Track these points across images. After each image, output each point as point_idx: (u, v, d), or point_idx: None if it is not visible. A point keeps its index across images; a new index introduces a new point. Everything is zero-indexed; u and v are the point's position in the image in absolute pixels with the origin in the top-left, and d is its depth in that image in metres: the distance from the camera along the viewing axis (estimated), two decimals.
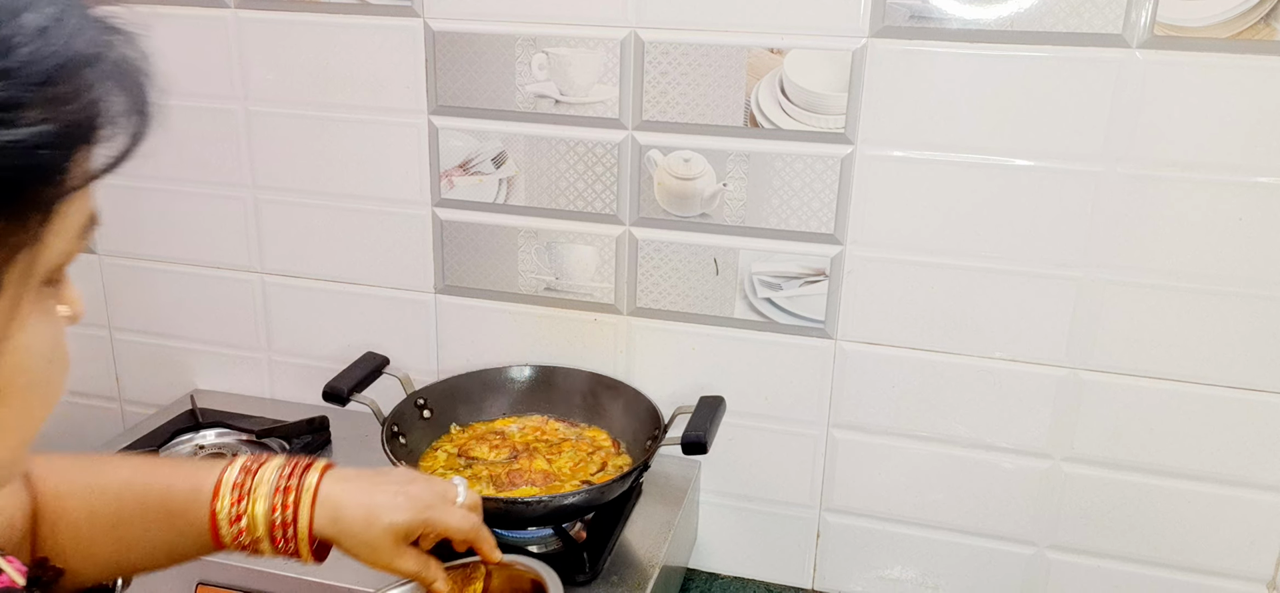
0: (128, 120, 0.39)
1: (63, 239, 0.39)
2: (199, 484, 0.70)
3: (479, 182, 1.23)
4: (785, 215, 1.13)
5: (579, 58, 1.14)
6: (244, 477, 0.70)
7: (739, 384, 1.21)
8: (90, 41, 0.37)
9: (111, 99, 0.38)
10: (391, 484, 0.73)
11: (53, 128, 0.35)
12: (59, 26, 0.36)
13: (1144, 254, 1.04)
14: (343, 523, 0.70)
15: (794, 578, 1.28)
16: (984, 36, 1.01)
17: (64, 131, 0.36)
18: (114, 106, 0.39)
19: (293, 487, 0.69)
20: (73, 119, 0.36)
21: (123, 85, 0.39)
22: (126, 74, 0.39)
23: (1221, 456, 1.08)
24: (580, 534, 1.08)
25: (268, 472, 0.70)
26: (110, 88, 0.38)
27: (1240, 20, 0.94)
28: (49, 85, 0.35)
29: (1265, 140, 0.97)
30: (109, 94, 0.38)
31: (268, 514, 0.69)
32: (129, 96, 0.39)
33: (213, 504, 0.69)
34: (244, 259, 1.36)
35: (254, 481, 0.70)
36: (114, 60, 0.39)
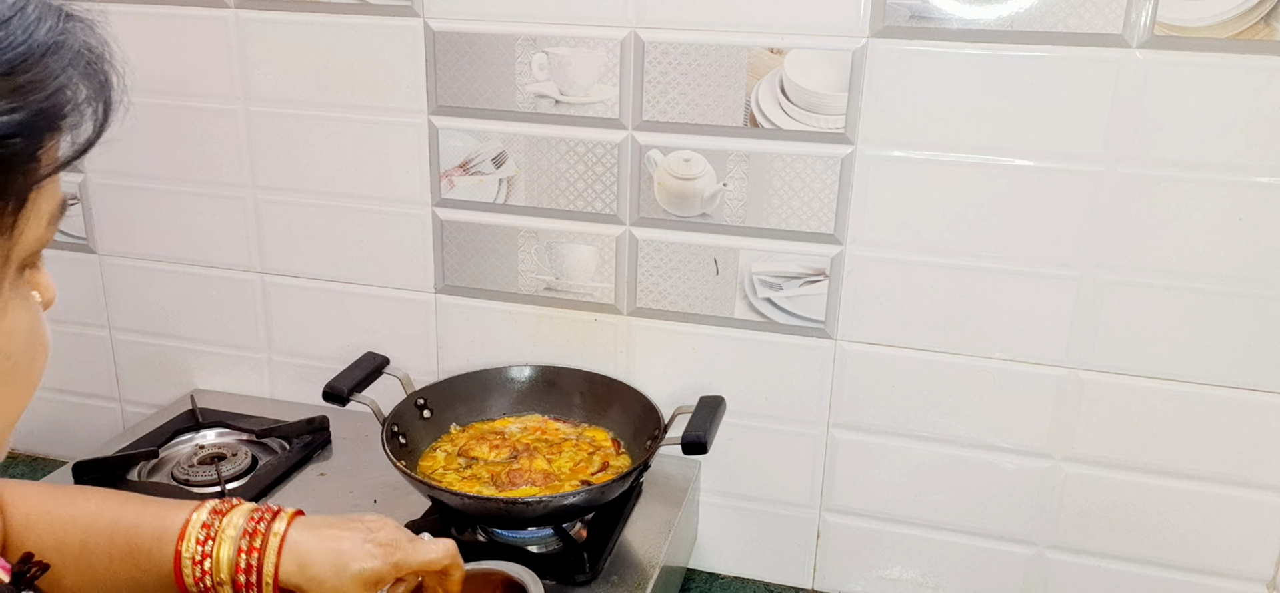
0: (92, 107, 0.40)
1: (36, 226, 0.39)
2: (166, 525, 0.69)
3: (479, 181, 1.23)
4: (785, 215, 1.13)
5: (579, 58, 1.14)
6: (212, 518, 0.69)
7: (739, 384, 1.21)
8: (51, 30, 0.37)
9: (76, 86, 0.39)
10: (360, 531, 0.72)
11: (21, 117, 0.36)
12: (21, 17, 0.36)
13: (1144, 254, 1.04)
14: (310, 571, 0.69)
15: (794, 578, 1.28)
16: (984, 36, 1.02)
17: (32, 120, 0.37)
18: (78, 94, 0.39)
19: (260, 532, 0.69)
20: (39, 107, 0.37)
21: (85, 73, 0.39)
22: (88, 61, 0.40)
23: (1221, 456, 1.08)
24: (580, 534, 1.08)
25: (235, 516, 0.70)
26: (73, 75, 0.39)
27: (1240, 20, 0.94)
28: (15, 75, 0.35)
29: (1265, 140, 0.97)
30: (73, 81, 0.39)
31: (232, 560, 0.68)
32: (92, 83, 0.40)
33: (178, 546, 0.68)
34: (244, 259, 1.36)
35: (221, 524, 0.69)
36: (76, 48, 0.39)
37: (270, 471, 1.19)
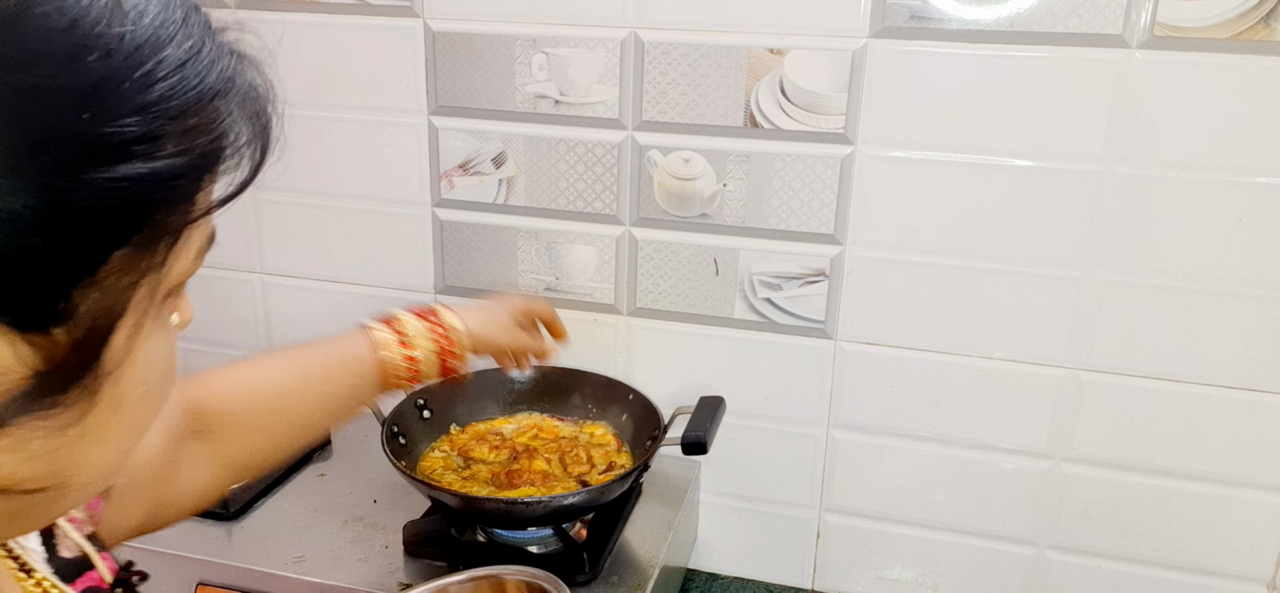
0: (251, 148, 0.40)
1: (185, 260, 0.40)
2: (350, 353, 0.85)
3: (479, 182, 1.23)
4: (785, 215, 1.13)
5: (579, 58, 1.14)
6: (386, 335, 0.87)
7: (739, 384, 1.21)
8: (222, 72, 0.38)
9: (239, 129, 0.39)
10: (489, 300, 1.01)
11: (186, 160, 0.36)
12: (197, 59, 0.36)
13: (1144, 254, 1.04)
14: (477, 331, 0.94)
15: (794, 578, 1.28)
16: (984, 37, 1.02)
17: (196, 163, 0.37)
18: (241, 136, 0.39)
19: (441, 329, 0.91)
20: (204, 150, 0.37)
21: (249, 115, 0.40)
22: (253, 104, 0.40)
23: (1221, 456, 1.08)
24: (580, 534, 1.08)
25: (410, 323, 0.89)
26: (238, 118, 0.39)
27: (1240, 20, 0.94)
28: (184, 118, 0.36)
29: (1265, 140, 0.97)
30: (237, 124, 0.39)
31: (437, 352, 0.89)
32: (253, 126, 0.40)
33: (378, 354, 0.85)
34: (244, 259, 1.36)
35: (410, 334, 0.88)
36: (243, 90, 0.39)
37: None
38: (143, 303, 0.38)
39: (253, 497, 1.12)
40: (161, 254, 0.38)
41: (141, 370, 0.40)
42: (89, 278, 0.35)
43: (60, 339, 0.35)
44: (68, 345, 0.35)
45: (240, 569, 1.02)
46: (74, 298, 0.35)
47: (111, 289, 0.36)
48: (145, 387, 0.41)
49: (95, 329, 0.36)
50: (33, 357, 0.35)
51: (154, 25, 0.35)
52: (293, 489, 1.17)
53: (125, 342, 0.38)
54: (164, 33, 0.35)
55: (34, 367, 0.35)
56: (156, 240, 0.37)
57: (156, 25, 0.35)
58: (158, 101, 0.35)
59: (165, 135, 0.35)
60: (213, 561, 1.02)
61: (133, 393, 0.40)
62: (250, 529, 1.08)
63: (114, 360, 0.38)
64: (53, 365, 0.35)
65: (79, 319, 0.35)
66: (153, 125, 0.34)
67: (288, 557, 1.03)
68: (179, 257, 0.39)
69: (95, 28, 0.33)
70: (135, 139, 0.34)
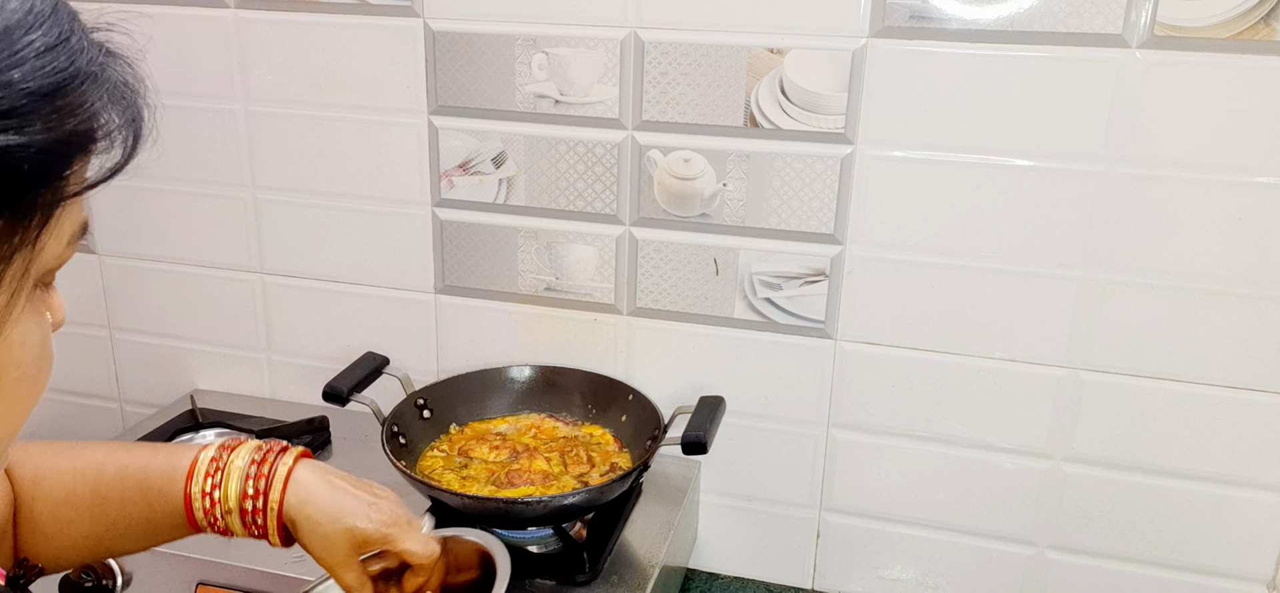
0: (122, 135, 0.43)
1: (57, 243, 0.42)
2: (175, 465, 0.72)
3: (479, 182, 1.23)
4: (785, 215, 1.13)
5: (579, 58, 1.14)
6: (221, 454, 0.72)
7: (739, 384, 1.21)
8: (91, 62, 0.41)
9: (108, 115, 0.42)
10: (363, 492, 0.74)
11: (55, 136, 0.39)
12: (65, 45, 0.40)
13: (1144, 254, 1.04)
14: (308, 510, 0.71)
15: (794, 578, 1.28)
16: (984, 36, 1.02)
17: (65, 141, 0.40)
18: (110, 122, 0.43)
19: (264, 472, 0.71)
20: (73, 130, 0.40)
21: (119, 104, 0.43)
22: (123, 94, 0.44)
23: (1221, 456, 1.08)
24: (580, 534, 1.08)
25: (242, 452, 0.72)
26: (107, 105, 0.42)
27: (1240, 20, 0.94)
28: (55, 97, 0.39)
29: (1265, 140, 0.97)
30: (106, 110, 0.42)
31: (240, 494, 0.71)
32: (124, 114, 0.43)
33: (187, 485, 0.71)
34: (244, 259, 1.36)
35: (228, 459, 0.72)
36: (113, 80, 0.43)
37: None
38: (15, 280, 0.41)
39: None
40: (34, 231, 0.40)
41: (16, 352, 0.42)
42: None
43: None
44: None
45: (240, 569, 1.02)
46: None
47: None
48: (20, 370, 0.43)
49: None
50: None
51: (21, 10, 0.39)
52: None
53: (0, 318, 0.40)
54: (31, 19, 0.39)
55: None
56: (29, 215, 0.40)
57: (24, 11, 0.39)
58: (23, 79, 0.38)
59: (33, 112, 0.38)
60: (213, 560, 1.02)
61: (7, 375, 0.42)
62: None
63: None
64: None
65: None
66: (19, 101, 0.38)
67: (288, 557, 1.02)
68: (51, 237, 0.42)
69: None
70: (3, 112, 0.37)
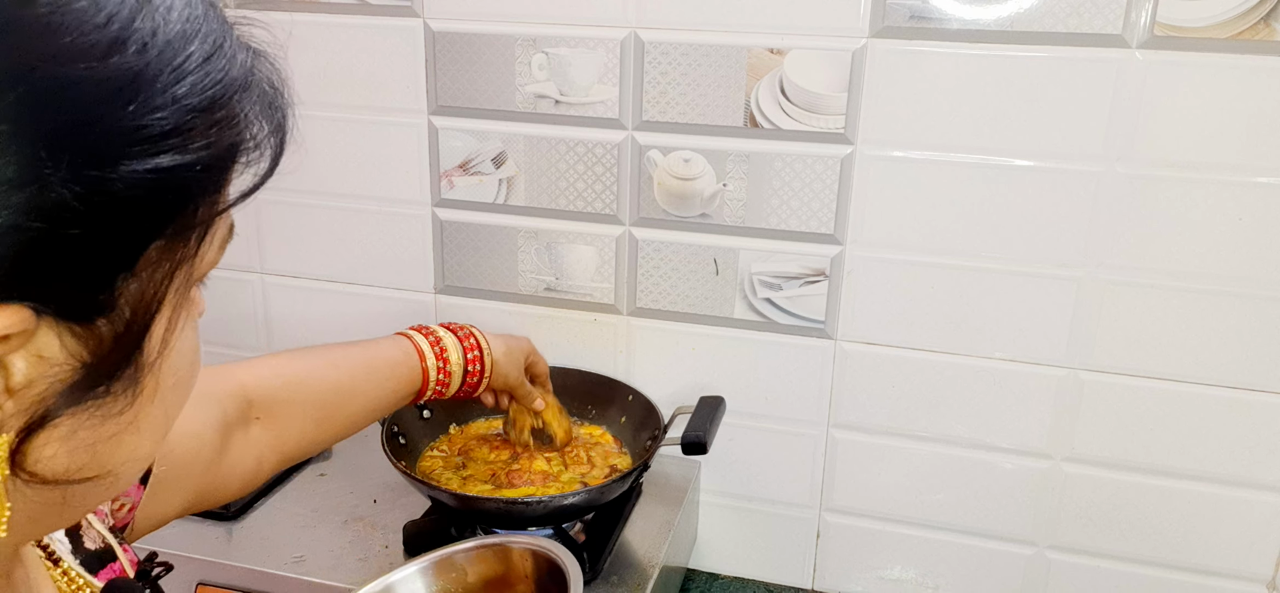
0: (270, 141, 0.42)
1: (212, 251, 0.42)
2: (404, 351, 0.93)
3: (479, 182, 1.23)
4: (785, 215, 1.13)
5: (579, 58, 1.14)
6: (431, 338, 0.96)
7: (739, 384, 1.21)
8: (242, 65, 0.40)
9: (259, 124, 0.41)
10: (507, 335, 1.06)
11: (214, 152, 0.38)
12: (220, 54, 0.38)
13: (1144, 254, 1.04)
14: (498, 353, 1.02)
15: (794, 578, 1.28)
16: (984, 36, 1.02)
17: (223, 154, 0.39)
18: (260, 131, 0.42)
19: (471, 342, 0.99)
20: (230, 142, 0.39)
21: (266, 107, 0.42)
22: (269, 96, 0.42)
23: (1221, 456, 1.08)
24: (580, 534, 1.08)
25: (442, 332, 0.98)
26: (258, 110, 0.41)
27: (1240, 20, 0.94)
28: (213, 110, 0.38)
29: (1265, 140, 0.97)
30: (257, 119, 0.41)
31: (462, 360, 0.98)
32: (272, 120, 0.42)
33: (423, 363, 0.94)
34: (244, 259, 1.36)
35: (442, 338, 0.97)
36: (260, 83, 0.42)
37: None
38: (177, 294, 0.40)
39: (253, 497, 1.12)
40: (193, 245, 0.40)
41: (175, 360, 0.42)
42: (129, 269, 0.36)
43: (103, 331, 0.36)
44: (111, 337, 0.37)
45: (240, 569, 1.02)
46: (116, 289, 0.36)
47: (149, 280, 0.38)
48: (177, 376, 0.42)
49: (135, 320, 0.38)
50: (78, 349, 0.36)
51: (182, 20, 0.37)
52: (293, 489, 1.17)
53: (163, 332, 0.40)
54: (191, 28, 0.37)
55: (80, 359, 0.36)
56: (189, 231, 0.39)
57: (184, 20, 0.37)
58: (187, 94, 0.36)
59: (195, 127, 0.37)
60: (213, 561, 1.02)
61: (168, 382, 0.41)
62: (250, 529, 1.08)
63: (154, 351, 0.39)
64: (97, 357, 0.37)
65: (120, 310, 0.37)
66: (184, 118, 0.36)
67: (288, 557, 1.03)
68: (208, 248, 0.41)
69: (131, 22, 0.35)
70: (169, 131, 0.35)
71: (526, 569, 0.82)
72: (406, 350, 0.94)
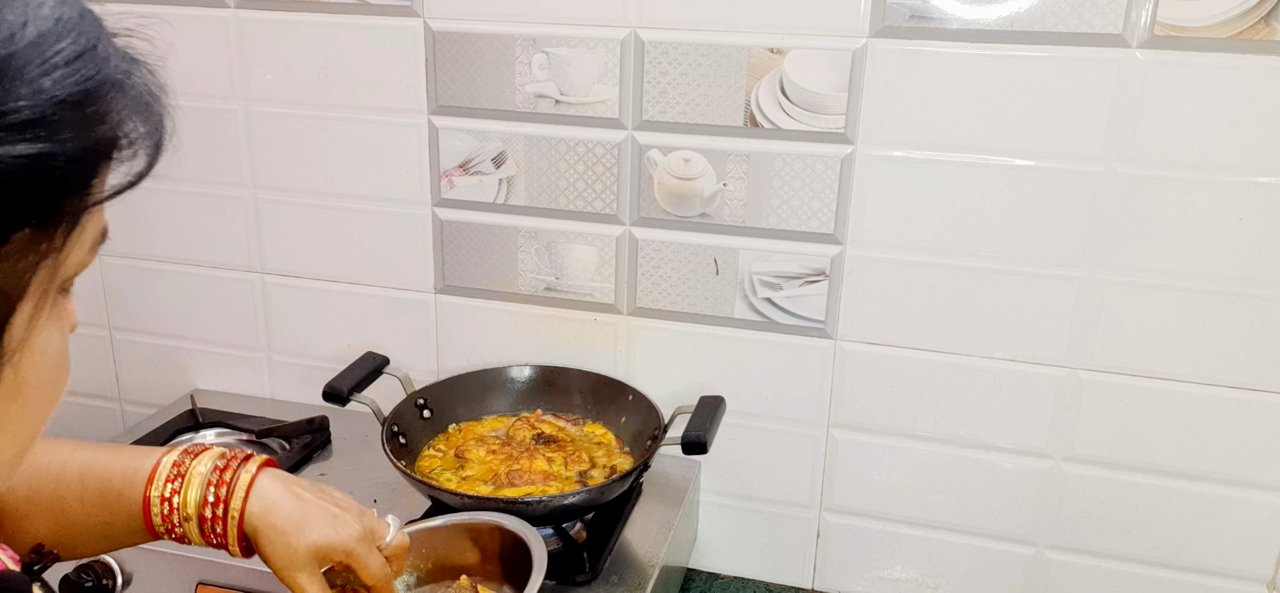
0: (145, 143, 0.43)
1: (81, 250, 0.42)
2: (137, 468, 0.71)
3: (479, 181, 1.23)
4: (785, 215, 1.13)
5: (579, 58, 1.14)
6: (183, 459, 0.71)
7: (739, 384, 1.21)
8: (117, 69, 0.41)
9: (133, 123, 0.42)
10: (326, 501, 0.73)
11: (82, 146, 0.39)
12: (92, 52, 0.39)
13: (1144, 254, 1.04)
14: (272, 519, 0.70)
15: (794, 578, 1.28)
16: (984, 36, 1.02)
17: (92, 149, 0.40)
18: (135, 130, 0.42)
19: (226, 480, 0.70)
20: (100, 138, 0.40)
21: (143, 111, 0.43)
22: (147, 101, 0.43)
23: (1221, 456, 1.08)
24: (580, 534, 1.08)
25: (205, 459, 0.71)
26: (132, 113, 0.42)
27: (1240, 20, 0.94)
28: (82, 105, 0.38)
29: (1265, 140, 0.97)
30: (131, 118, 0.42)
31: (200, 501, 0.69)
32: (148, 122, 0.43)
33: (147, 489, 0.70)
34: (244, 259, 1.36)
35: (191, 465, 0.71)
36: (137, 87, 0.42)
37: None
38: (41, 287, 0.40)
39: None
40: (60, 239, 0.40)
41: (38, 359, 0.42)
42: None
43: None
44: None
45: (240, 569, 1.02)
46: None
47: (12, 271, 0.38)
48: (41, 378, 0.42)
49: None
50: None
51: (52, 18, 0.38)
52: None
53: (25, 326, 0.40)
54: (62, 27, 0.38)
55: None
56: (56, 223, 0.39)
57: (55, 19, 0.38)
58: (53, 87, 0.37)
59: (62, 121, 0.37)
60: (213, 560, 1.02)
61: (30, 382, 0.42)
62: None
63: (14, 344, 0.39)
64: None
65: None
66: (49, 109, 0.37)
67: None
68: (75, 244, 0.41)
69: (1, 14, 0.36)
70: (32, 121, 0.36)
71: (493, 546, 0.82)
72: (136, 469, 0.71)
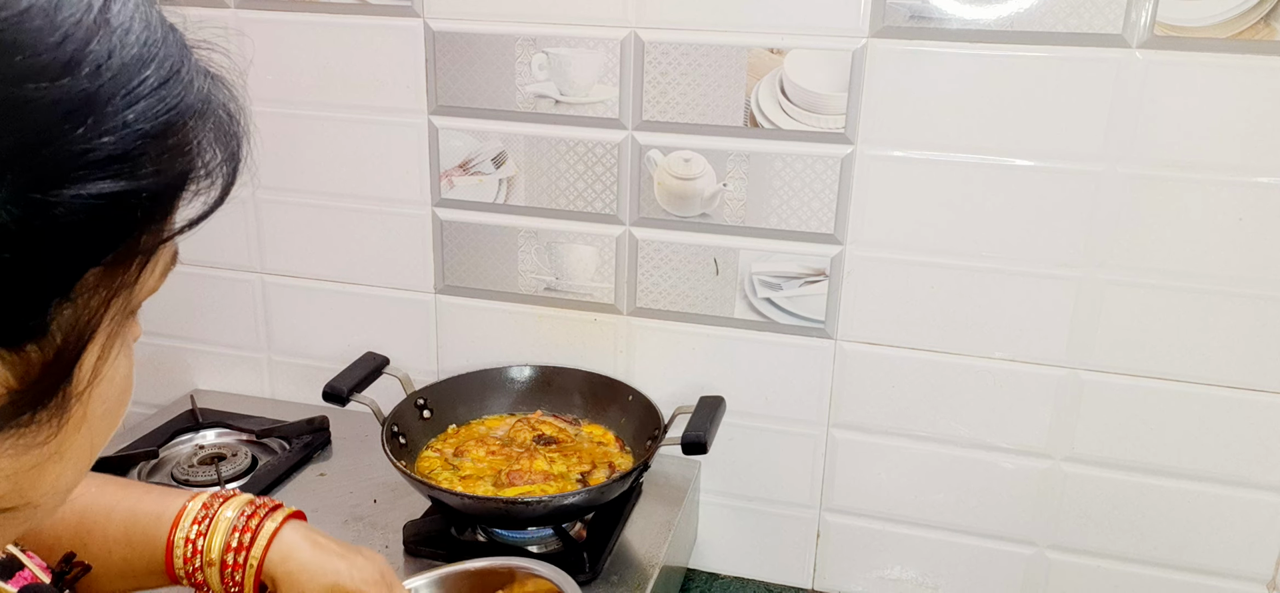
0: (222, 169, 0.40)
1: (152, 278, 0.40)
2: (164, 509, 0.71)
3: (479, 182, 1.23)
4: (785, 215, 1.13)
5: (579, 58, 1.14)
6: (212, 501, 0.71)
7: (739, 384, 1.21)
8: (199, 92, 0.38)
9: (212, 152, 0.40)
10: (349, 553, 0.74)
11: (163, 180, 0.36)
12: (176, 79, 0.37)
13: (1144, 254, 1.04)
14: (290, 566, 0.70)
15: (794, 578, 1.28)
16: (984, 36, 1.01)
17: (172, 182, 0.37)
18: (213, 159, 0.40)
19: (251, 528, 0.71)
20: (181, 170, 0.38)
21: (222, 138, 0.40)
22: (226, 126, 0.41)
23: (1221, 456, 1.08)
24: (580, 534, 1.08)
25: (233, 505, 0.72)
26: (211, 139, 0.39)
27: (1240, 20, 0.94)
28: (165, 137, 0.36)
29: (1265, 140, 0.97)
30: (211, 147, 0.39)
31: (223, 547, 0.70)
32: (226, 148, 0.41)
33: (172, 532, 0.70)
34: (244, 259, 1.36)
35: (219, 510, 0.71)
36: (217, 113, 0.40)
37: (270, 471, 1.19)
38: (113, 322, 0.38)
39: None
40: (134, 272, 0.38)
41: (105, 389, 0.40)
42: (64, 294, 0.35)
43: (34, 357, 0.35)
44: (40, 364, 0.35)
45: None
46: (49, 314, 0.35)
47: (85, 306, 0.36)
48: (107, 405, 0.41)
49: (68, 346, 0.36)
50: (4, 375, 0.35)
51: (139, 44, 0.35)
52: (293, 489, 1.17)
53: (94, 361, 0.38)
54: (148, 52, 0.36)
55: (6, 385, 0.35)
56: (131, 258, 0.37)
57: (142, 44, 0.36)
58: (138, 119, 0.35)
59: (145, 153, 0.35)
60: None
61: (96, 411, 0.40)
62: None
63: (83, 379, 0.38)
64: (25, 384, 0.35)
65: (52, 336, 0.35)
66: (133, 143, 0.34)
67: None
68: (149, 274, 0.39)
69: (86, 44, 0.33)
70: (116, 156, 0.34)
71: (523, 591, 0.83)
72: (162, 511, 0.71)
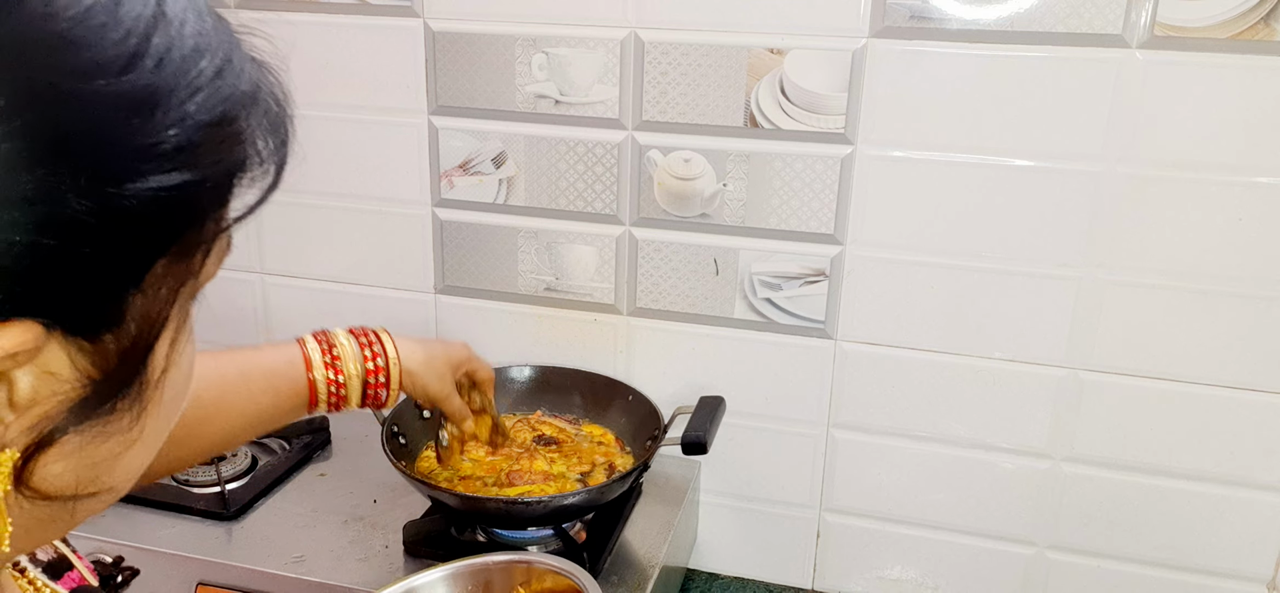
0: (274, 156, 0.41)
1: (213, 266, 0.41)
2: (289, 358, 0.86)
3: (479, 182, 1.23)
4: (785, 215, 1.13)
5: (579, 58, 1.14)
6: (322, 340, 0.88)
7: (739, 384, 1.21)
8: (250, 81, 0.39)
9: (265, 136, 0.40)
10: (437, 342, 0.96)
11: (224, 167, 0.37)
12: (229, 68, 0.37)
13: (1144, 254, 1.04)
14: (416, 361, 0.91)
15: (794, 578, 1.28)
16: (984, 36, 1.02)
17: (232, 169, 0.38)
18: (266, 146, 0.41)
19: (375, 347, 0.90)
20: (238, 157, 0.39)
21: (272, 124, 0.41)
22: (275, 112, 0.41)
23: (1221, 456, 1.08)
24: (580, 534, 1.08)
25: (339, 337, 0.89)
26: (264, 126, 0.40)
27: (1240, 20, 0.94)
28: (221, 126, 0.37)
29: (1265, 140, 0.97)
30: (263, 131, 0.40)
31: (362, 371, 0.88)
32: (276, 135, 0.41)
33: (309, 374, 0.86)
34: (244, 259, 1.36)
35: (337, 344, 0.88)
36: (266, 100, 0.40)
37: (270, 470, 1.19)
38: (180, 312, 0.40)
39: (252, 497, 1.12)
40: (198, 261, 0.39)
41: (176, 375, 0.41)
42: (137, 285, 0.36)
43: (111, 347, 0.36)
44: (117, 353, 0.36)
45: (240, 569, 1.02)
46: (124, 304, 0.36)
47: (155, 296, 0.37)
48: (176, 390, 0.42)
49: (142, 335, 0.37)
50: (86, 366, 0.35)
51: (195, 34, 0.36)
52: (293, 489, 1.17)
53: (167, 348, 0.39)
54: (202, 42, 0.36)
55: (87, 375, 0.36)
56: (195, 248, 0.38)
57: (196, 34, 0.36)
58: (198, 110, 0.36)
59: (205, 143, 0.36)
60: (213, 560, 1.02)
61: (169, 397, 0.41)
62: (250, 529, 1.08)
63: (158, 366, 0.39)
64: (104, 374, 0.36)
65: (127, 326, 0.36)
66: (195, 134, 0.35)
67: (288, 557, 1.03)
68: (210, 263, 0.40)
69: (148, 38, 0.34)
70: (181, 147, 0.35)
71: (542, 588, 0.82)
72: (291, 359, 0.86)
